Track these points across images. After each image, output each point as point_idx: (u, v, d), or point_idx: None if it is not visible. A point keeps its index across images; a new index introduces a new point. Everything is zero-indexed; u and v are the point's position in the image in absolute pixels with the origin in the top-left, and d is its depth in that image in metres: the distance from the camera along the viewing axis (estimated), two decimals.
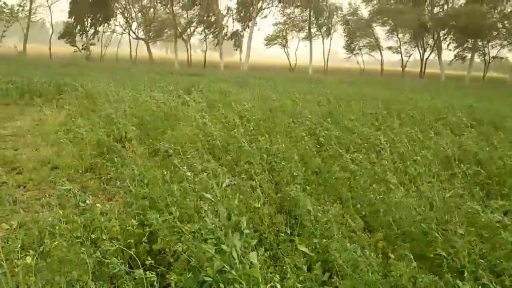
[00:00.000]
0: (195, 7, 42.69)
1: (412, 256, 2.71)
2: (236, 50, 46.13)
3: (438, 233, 2.62)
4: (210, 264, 2.10)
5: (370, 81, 26.06)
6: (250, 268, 2.17)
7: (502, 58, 42.01)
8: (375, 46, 44.37)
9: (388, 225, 3.13)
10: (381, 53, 44.56)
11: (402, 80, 30.52)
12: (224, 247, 2.11)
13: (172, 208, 2.56)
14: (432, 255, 2.78)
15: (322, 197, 3.72)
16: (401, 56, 43.98)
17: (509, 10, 36.93)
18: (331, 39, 44.88)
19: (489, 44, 39.15)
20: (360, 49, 45.80)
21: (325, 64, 44.68)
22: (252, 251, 2.37)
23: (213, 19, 43.60)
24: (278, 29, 44.87)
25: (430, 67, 46.61)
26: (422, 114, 8.76)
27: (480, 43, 38.90)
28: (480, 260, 2.65)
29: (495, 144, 5.46)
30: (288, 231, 2.77)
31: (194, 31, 45.60)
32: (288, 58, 45.55)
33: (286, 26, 44.60)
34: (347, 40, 45.55)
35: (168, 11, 43.81)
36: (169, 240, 2.57)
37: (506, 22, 36.62)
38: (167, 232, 2.62)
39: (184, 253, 2.38)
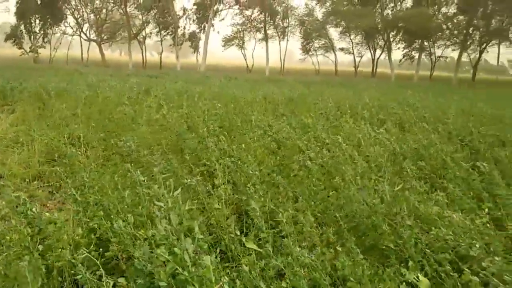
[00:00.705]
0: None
1: (359, 250, 2.84)
2: (194, 52, 45.77)
3: (387, 226, 2.76)
4: (163, 268, 2.09)
5: (325, 81, 26.74)
6: (203, 270, 2.18)
7: (446, 57, 44.69)
8: (330, 47, 45.65)
9: (340, 219, 3.25)
10: (335, 54, 45.94)
11: (355, 80, 31.62)
12: (176, 250, 2.11)
13: (124, 214, 2.51)
14: (383, 247, 2.93)
15: (277, 196, 3.79)
16: (354, 57, 45.58)
17: (452, 12, 39.41)
18: (287, 40, 45.65)
19: (435, 44, 41.54)
20: (315, 50, 46.90)
21: (282, 65, 45.32)
22: (206, 254, 2.38)
23: (169, 20, 42.97)
24: (235, 29, 45.05)
25: (382, 67, 48.62)
26: (372, 112, 9.12)
27: (426, 44, 41.16)
28: (426, 250, 2.82)
29: (434, 140, 5.81)
30: (238, 232, 2.81)
31: (149, 32, 44.74)
32: (245, 59, 45.82)
33: (244, 27, 44.86)
34: (303, 41, 46.51)
35: (121, 11, 42.64)
36: (122, 247, 2.52)
37: (449, 23, 39.02)
38: (120, 239, 2.57)
39: (137, 259, 2.35)
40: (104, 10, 44.11)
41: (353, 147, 5.64)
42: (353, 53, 45.26)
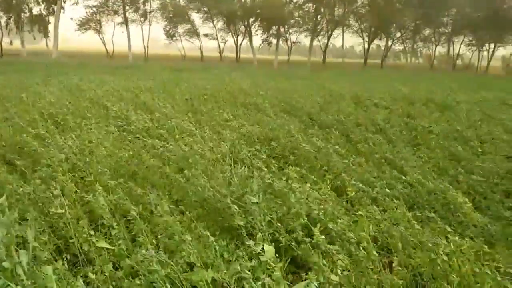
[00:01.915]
0: None
1: (217, 232, 2.99)
2: (44, 37, 40.53)
3: (236, 207, 2.94)
4: None
5: (191, 68, 26.66)
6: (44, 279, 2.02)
7: (300, 42, 48.97)
8: (194, 32, 45.44)
9: (196, 205, 3.34)
10: (199, 40, 46.00)
11: (220, 65, 32.30)
12: (5, 264, 1.90)
13: None
14: (237, 226, 3.11)
15: (135, 189, 3.68)
16: (218, 43, 46.33)
17: (301, 1, 43.00)
18: (150, 24, 43.80)
19: (289, 31, 45.01)
20: (180, 36, 46.17)
21: (146, 50, 43.48)
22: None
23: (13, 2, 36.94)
24: (91, 12, 41.25)
25: (246, 53, 50.65)
26: (233, 97, 9.49)
27: (282, 30, 44.27)
28: (278, 223, 3.08)
29: (287, 120, 6.37)
30: (92, 232, 2.66)
31: None
32: (105, 45, 42.54)
33: (100, 9, 41.33)
34: (167, 26, 45.27)
35: None
36: None
37: (300, 11, 42.68)
38: None
39: None
40: None
41: (213, 133, 5.83)
42: (217, 39, 45.96)
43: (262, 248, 2.76)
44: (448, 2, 41.78)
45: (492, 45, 44.33)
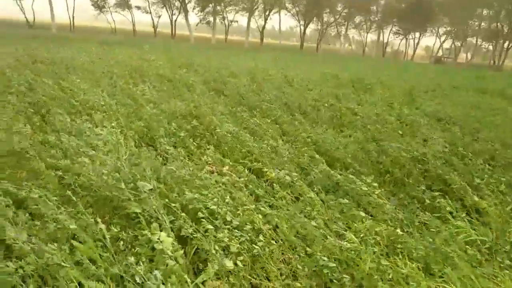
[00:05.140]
0: None
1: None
2: None
3: (128, 193, 2.59)
4: None
5: (121, 42, 24.99)
6: None
7: (237, 21, 48.26)
8: (125, 4, 42.65)
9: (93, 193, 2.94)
10: (131, 13, 43.36)
11: (154, 41, 30.76)
12: None
13: None
14: (135, 213, 2.76)
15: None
16: (151, 17, 44.03)
17: None
18: None
19: (226, 9, 44.00)
20: (110, 7, 43.11)
21: (71, 21, 40.09)
22: None
23: None
24: None
25: (183, 29, 48.72)
26: (159, 74, 8.90)
27: (219, 8, 43.15)
28: (172, 204, 2.79)
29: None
30: None
31: None
32: (24, 13, 38.42)
33: None
34: None
35: None
36: None
37: None
38: None
39: None
40: None
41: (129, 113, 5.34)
42: (150, 13, 43.60)
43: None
44: None
45: (418, 34, 47.28)
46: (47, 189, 2.86)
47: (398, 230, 2.92)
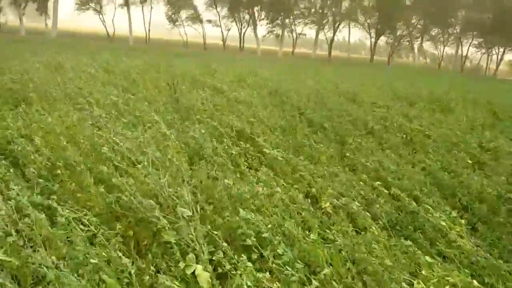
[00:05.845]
0: None
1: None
2: (41, 14, 39.68)
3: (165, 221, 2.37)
4: None
5: (196, 54, 25.89)
6: None
7: (305, 34, 47.99)
8: (197, 18, 44.42)
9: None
10: (202, 26, 44.97)
11: (221, 53, 31.58)
12: None
13: None
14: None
15: None
16: (221, 30, 45.26)
17: None
18: (151, 7, 42.86)
19: (295, 22, 43.98)
20: (182, 21, 45.17)
21: (147, 34, 42.66)
22: None
23: None
24: None
25: (250, 42, 49.59)
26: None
27: (287, 21, 43.28)
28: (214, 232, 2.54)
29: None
30: None
31: None
32: (105, 27, 41.62)
33: None
34: (169, 11, 44.34)
35: None
36: None
37: (305, 2, 41.74)
38: None
39: None
40: None
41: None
42: (220, 26, 44.91)
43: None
44: (456, 3, 40.90)
45: (502, 49, 43.40)
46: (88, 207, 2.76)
47: (475, 282, 2.37)
